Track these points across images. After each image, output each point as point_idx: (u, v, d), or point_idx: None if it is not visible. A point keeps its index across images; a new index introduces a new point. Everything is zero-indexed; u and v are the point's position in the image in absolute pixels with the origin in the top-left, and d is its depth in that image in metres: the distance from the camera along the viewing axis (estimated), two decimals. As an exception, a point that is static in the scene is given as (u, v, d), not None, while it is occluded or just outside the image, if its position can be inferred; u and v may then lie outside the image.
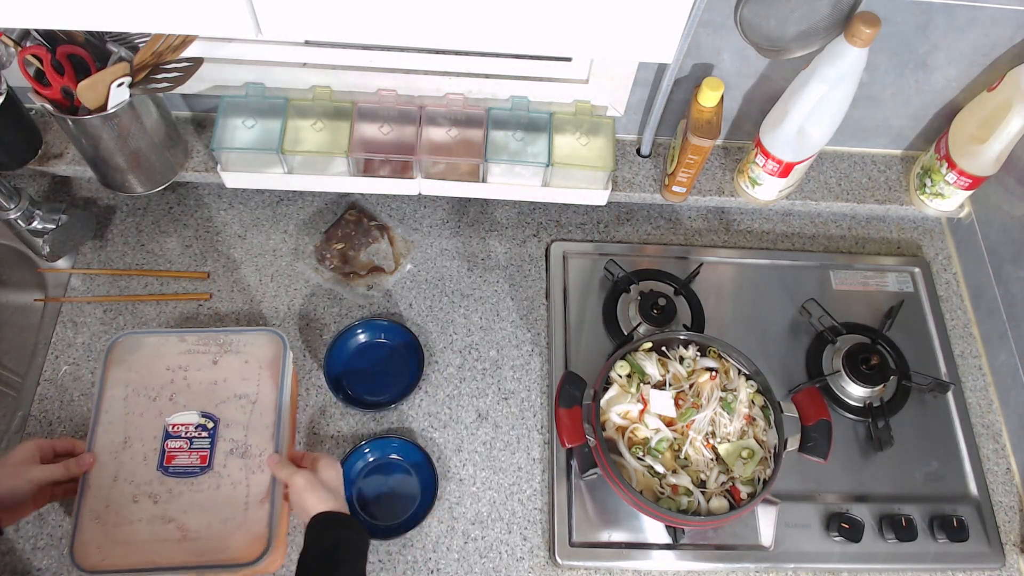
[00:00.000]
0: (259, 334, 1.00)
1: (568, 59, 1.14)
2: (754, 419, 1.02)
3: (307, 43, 1.11)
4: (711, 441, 1.00)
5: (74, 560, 0.85)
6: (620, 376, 1.04)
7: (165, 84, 1.02)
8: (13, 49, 0.97)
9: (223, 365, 0.97)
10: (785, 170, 1.15)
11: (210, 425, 0.93)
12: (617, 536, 1.04)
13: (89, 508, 0.88)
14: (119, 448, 0.91)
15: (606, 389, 1.03)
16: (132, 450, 0.91)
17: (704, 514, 0.96)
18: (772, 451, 0.99)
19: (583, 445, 0.99)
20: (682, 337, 1.07)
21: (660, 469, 0.98)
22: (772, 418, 1.01)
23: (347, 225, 1.25)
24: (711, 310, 1.20)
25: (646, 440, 0.99)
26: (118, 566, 0.86)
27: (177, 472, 0.91)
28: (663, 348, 1.07)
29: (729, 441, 1.00)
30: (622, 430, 1.01)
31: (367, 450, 1.06)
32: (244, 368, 0.97)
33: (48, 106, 1.00)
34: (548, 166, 1.14)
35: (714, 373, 1.03)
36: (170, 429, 0.93)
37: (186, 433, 0.93)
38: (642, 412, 1.01)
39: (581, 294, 1.21)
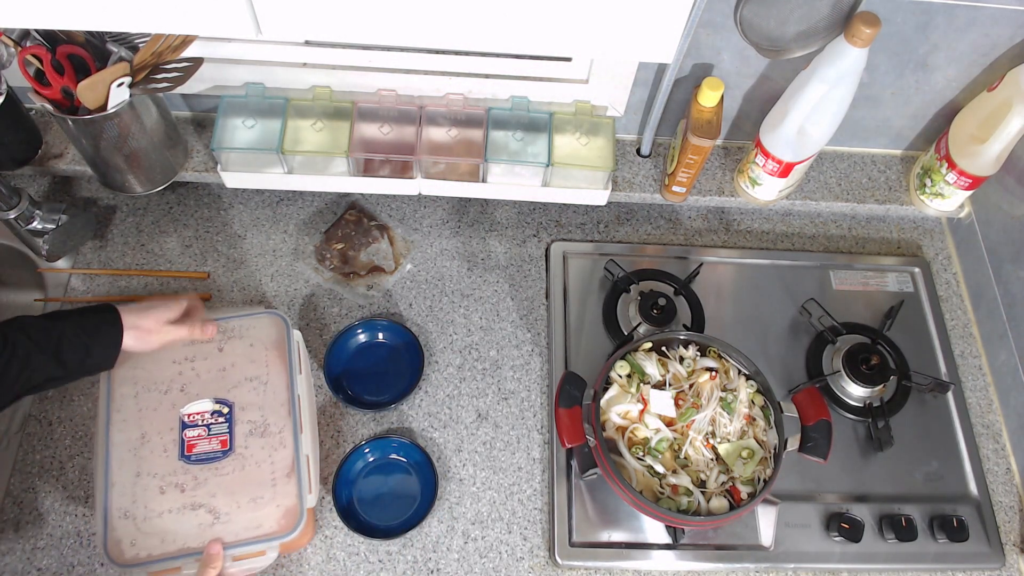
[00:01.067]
0: (260, 317, 1.01)
1: (568, 59, 1.14)
2: (754, 419, 1.02)
3: (307, 43, 1.11)
4: (711, 441, 1.00)
5: (110, 558, 0.86)
6: (620, 376, 1.04)
7: (165, 84, 1.02)
8: (13, 49, 0.97)
9: (229, 351, 0.98)
10: (785, 170, 1.15)
11: (225, 410, 0.94)
12: (617, 536, 1.04)
13: (116, 506, 0.88)
14: (137, 444, 0.92)
15: (606, 389, 1.03)
16: (151, 444, 0.92)
17: (704, 514, 0.96)
18: (772, 451, 0.99)
19: (583, 445, 0.99)
20: (682, 337, 1.07)
21: (660, 469, 0.98)
22: (772, 418, 1.01)
23: (347, 225, 1.25)
24: (711, 310, 1.20)
25: (646, 440, 0.99)
26: (154, 557, 0.87)
27: (200, 459, 0.91)
28: (663, 348, 1.07)
29: (729, 441, 1.00)
30: (622, 430, 1.01)
31: (367, 450, 1.06)
32: (250, 351, 0.98)
33: (48, 106, 1.00)
34: (548, 166, 1.14)
35: (714, 373, 1.03)
36: (186, 419, 0.93)
37: (203, 421, 0.93)
38: (642, 412, 1.01)
39: (581, 294, 1.21)
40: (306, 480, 0.91)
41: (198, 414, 0.93)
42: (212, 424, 0.93)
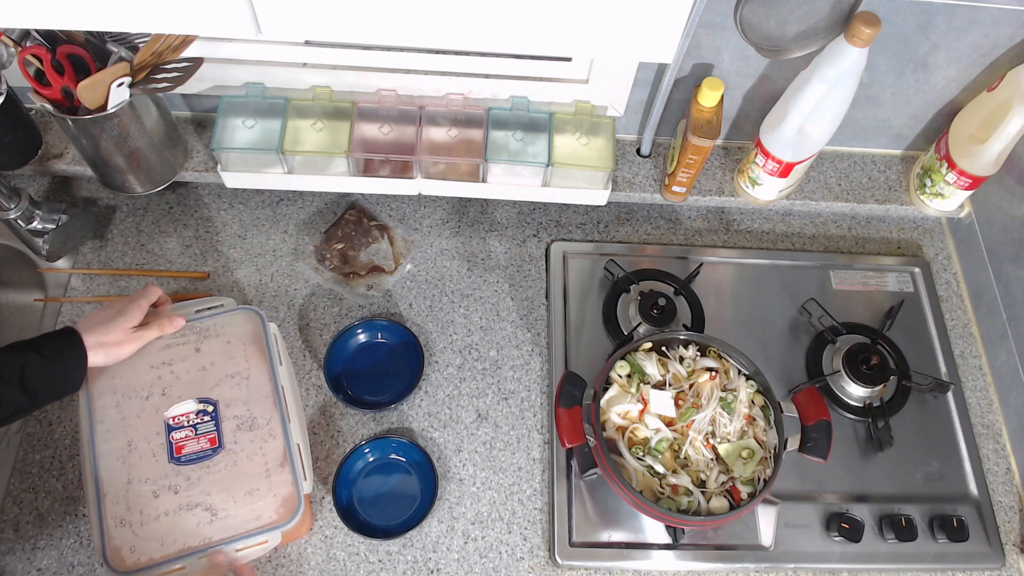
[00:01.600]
0: (234, 314, 1.00)
1: (568, 59, 1.14)
2: (754, 419, 1.02)
3: (307, 43, 1.11)
4: (711, 441, 1.00)
5: (111, 567, 0.86)
6: (620, 376, 1.04)
7: (165, 84, 1.02)
8: (13, 49, 0.97)
9: (206, 351, 0.97)
10: (785, 170, 1.15)
11: (210, 409, 0.94)
12: (617, 536, 1.04)
13: (111, 515, 0.88)
14: (124, 452, 0.91)
15: (606, 389, 1.03)
16: (138, 451, 0.92)
17: (704, 514, 0.96)
18: (772, 451, 0.99)
19: (583, 445, 0.99)
20: (682, 337, 1.07)
21: (660, 469, 0.98)
22: (772, 418, 1.01)
23: (347, 225, 1.25)
24: (711, 310, 1.20)
25: (646, 440, 0.99)
26: (156, 560, 0.87)
27: (190, 459, 0.91)
28: (663, 348, 1.07)
29: (729, 441, 1.00)
30: (622, 430, 1.01)
31: (367, 450, 1.06)
32: (228, 348, 0.98)
33: (48, 106, 1.00)
34: (548, 166, 1.14)
35: (714, 373, 1.03)
36: (171, 422, 0.93)
37: (188, 422, 0.93)
38: (642, 412, 1.01)
39: (581, 294, 1.21)
40: (300, 467, 0.92)
41: (183, 415, 0.93)
42: (199, 424, 0.93)
